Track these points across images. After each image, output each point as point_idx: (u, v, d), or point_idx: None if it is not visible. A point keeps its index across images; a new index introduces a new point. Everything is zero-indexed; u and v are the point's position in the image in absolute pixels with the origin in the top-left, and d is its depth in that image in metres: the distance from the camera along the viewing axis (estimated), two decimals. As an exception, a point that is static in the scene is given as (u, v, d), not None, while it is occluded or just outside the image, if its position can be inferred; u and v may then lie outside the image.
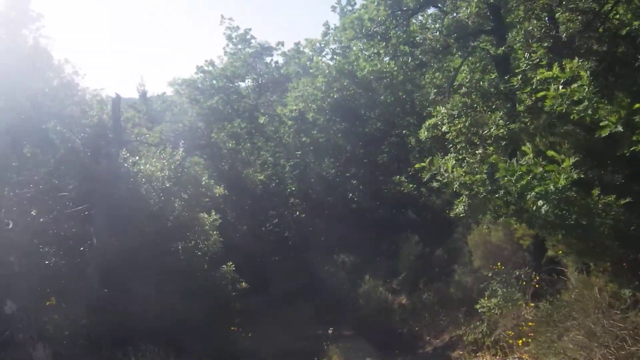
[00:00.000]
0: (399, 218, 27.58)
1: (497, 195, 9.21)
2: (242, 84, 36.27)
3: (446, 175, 9.75)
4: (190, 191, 20.46)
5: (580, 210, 8.05)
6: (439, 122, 14.17)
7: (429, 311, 18.81)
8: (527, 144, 8.39)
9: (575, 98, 8.53)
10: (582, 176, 7.97)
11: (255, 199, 31.87)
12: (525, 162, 8.22)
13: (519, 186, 8.24)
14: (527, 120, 11.35)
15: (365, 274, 22.67)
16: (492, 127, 12.28)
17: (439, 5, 15.64)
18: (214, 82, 33.62)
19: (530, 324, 11.81)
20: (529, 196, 8.02)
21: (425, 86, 27.04)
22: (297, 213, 30.49)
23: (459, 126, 14.03)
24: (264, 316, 22.09)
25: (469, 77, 15.11)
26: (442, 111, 14.04)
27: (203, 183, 21.55)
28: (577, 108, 8.59)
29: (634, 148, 8.41)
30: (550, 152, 8.01)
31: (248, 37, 34.76)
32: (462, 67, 15.48)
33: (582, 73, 8.32)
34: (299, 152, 32.26)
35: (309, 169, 32.35)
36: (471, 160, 11.00)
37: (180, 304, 16.79)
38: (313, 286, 24.64)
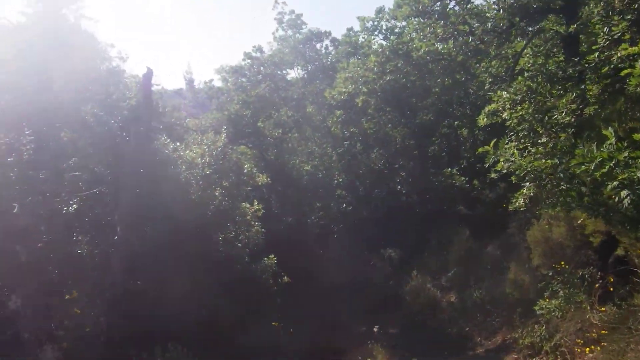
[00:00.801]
0: (449, 212, 26.52)
1: (570, 186, 8.23)
2: (291, 72, 35.67)
3: (512, 161, 8.76)
4: (232, 179, 19.80)
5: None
6: (500, 108, 13.09)
7: (480, 310, 17.74)
8: (609, 128, 7.36)
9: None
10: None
11: (300, 189, 31.07)
12: (606, 148, 7.21)
13: (598, 175, 7.23)
14: (602, 104, 10.25)
15: (413, 269, 21.78)
16: (562, 112, 11.15)
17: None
18: (262, 68, 33.12)
19: (602, 331, 10.71)
20: (610, 186, 7.01)
21: (480, 75, 25.92)
22: (344, 205, 29.64)
23: (521, 112, 12.94)
24: (306, 312, 21.44)
25: (532, 60, 13.99)
26: (505, 96, 12.97)
27: (245, 171, 20.79)
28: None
29: None
30: (638, 135, 6.98)
31: (299, 22, 34.19)
32: (525, 50, 14.37)
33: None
34: (347, 142, 31.49)
35: (357, 159, 31.59)
36: (533, 150, 10.02)
37: (218, 298, 16.01)
38: (358, 281, 23.83)
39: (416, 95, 28.56)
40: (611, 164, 7.07)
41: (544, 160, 8.84)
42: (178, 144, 18.74)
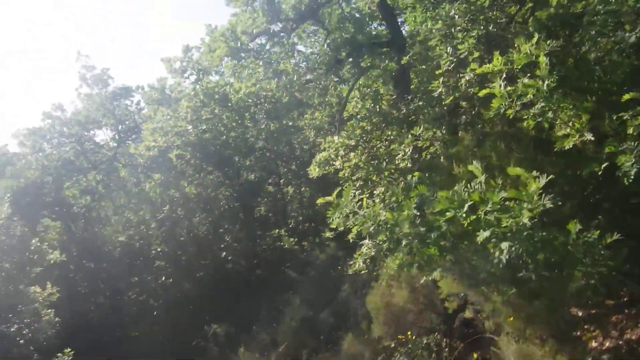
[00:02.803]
0: (279, 278, 24.36)
1: (428, 241, 6.46)
2: (100, 132, 31.99)
3: (354, 215, 6.81)
4: (14, 259, 15.99)
5: (555, 255, 5.48)
6: (332, 156, 11.39)
7: (315, 391, 15.53)
8: (474, 162, 5.75)
9: (528, 96, 6.16)
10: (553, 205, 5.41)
11: (114, 263, 27.16)
12: (475, 188, 5.54)
13: (466, 223, 5.51)
14: (448, 142, 8.92)
15: (240, 346, 19.02)
16: (400, 155, 9.64)
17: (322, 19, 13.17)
18: (65, 129, 29.02)
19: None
20: (484, 237, 5.29)
21: (304, 128, 24.76)
22: (164, 278, 26.08)
23: (354, 160, 11.38)
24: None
25: (360, 104, 12.62)
26: (336, 141, 11.33)
27: (32, 248, 16.99)
28: (532, 111, 6.22)
29: (602, 164, 6.15)
30: (514, 170, 5.40)
31: (105, 77, 30.62)
32: (352, 94, 13.03)
33: (541, 59, 5.95)
34: (166, 208, 28.28)
35: (179, 226, 28.43)
36: (370, 202, 8.29)
37: None
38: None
39: (239, 152, 26.49)
40: (487, 209, 5.37)
41: (395, 213, 7.03)
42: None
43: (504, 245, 5.14)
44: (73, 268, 26.02)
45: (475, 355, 10.25)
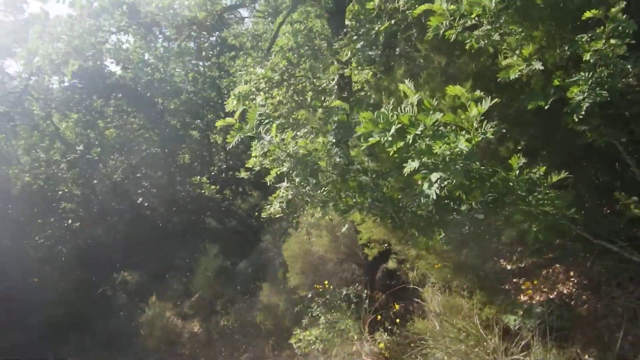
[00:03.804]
0: (198, 226, 23.28)
1: (347, 176, 5.62)
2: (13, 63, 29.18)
3: (267, 140, 5.85)
4: None
5: (494, 192, 4.76)
6: (254, 89, 10.29)
7: (227, 343, 14.74)
8: (406, 82, 4.91)
9: (473, 15, 5.36)
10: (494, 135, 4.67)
11: (18, 205, 24.90)
12: (406, 110, 4.69)
13: (392, 151, 4.66)
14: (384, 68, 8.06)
15: (152, 295, 18.00)
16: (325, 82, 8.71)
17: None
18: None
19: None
20: (412, 167, 4.47)
21: (234, 75, 23.41)
22: (70, 221, 24.30)
23: (278, 98, 10.37)
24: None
25: (291, 40, 11.52)
26: (259, 72, 10.25)
27: None
28: (476, 33, 5.44)
29: (547, 100, 5.46)
30: (453, 89, 4.58)
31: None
32: (283, 28, 11.93)
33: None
34: (80, 149, 26.27)
35: (92, 168, 26.50)
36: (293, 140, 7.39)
37: None
38: (83, 316, 19.02)
39: (163, 94, 24.94)
40: (417, 132, 4.55)
41: (310, 142, 6.14)
42: None
43: (435, 176, 4.32)
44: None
45: (397, 307, 9.73)
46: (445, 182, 4.37)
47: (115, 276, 20.76)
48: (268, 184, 7.59)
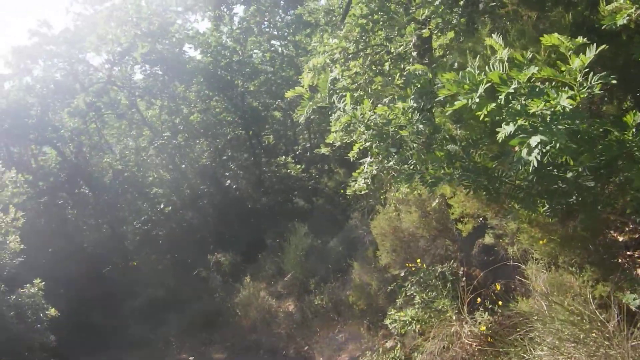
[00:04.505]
0: (286, 206, 23.29)
1: (435, 145, 5.04)
2: (96, 56, 30.11)
3: (342, 109, 5.37)
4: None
5: (607, 155, 4.04)
6: (328, 61, 9.78)
7: (322, 322, 14.51)
8: (493, 36, 4.24)
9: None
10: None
11: (108, 191, 25.77)
12: (495, 67, 4.04)
13: (482, 115, 4.03)
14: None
15: (246, 276, 18.19)
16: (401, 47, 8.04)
17: None
18: (53, 47, 27.01)
19: (475, 347, 7.82)
20: (507, 132, 3.83)
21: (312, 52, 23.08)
22: (162, 206, 25.03)
23: (355, 69, 9.81)
24: (112, 339, 17.02)
25: (364, 8, 10.84)
26: (333, 43, 9.73)
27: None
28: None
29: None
30: (550, 38, 3.88)
31: (100, -5, 28.48)
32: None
33: None
34: (167, 134, 26.94)
35: (180, 153, 27.19)
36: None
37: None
38: (181, 296, 19.58)
39: (242, 75, 25.02)
40: (510, 91, 3.90)
41: (390, 110, 5.58)
42: None
43: (534, 140, 3.66)
44: (66, 195, 24.85)
45: (498, 286, 9.00)
46: (547, 147, 3.70)
47: (209, 258, 21.13)
48: (351, 160, 7.14)
